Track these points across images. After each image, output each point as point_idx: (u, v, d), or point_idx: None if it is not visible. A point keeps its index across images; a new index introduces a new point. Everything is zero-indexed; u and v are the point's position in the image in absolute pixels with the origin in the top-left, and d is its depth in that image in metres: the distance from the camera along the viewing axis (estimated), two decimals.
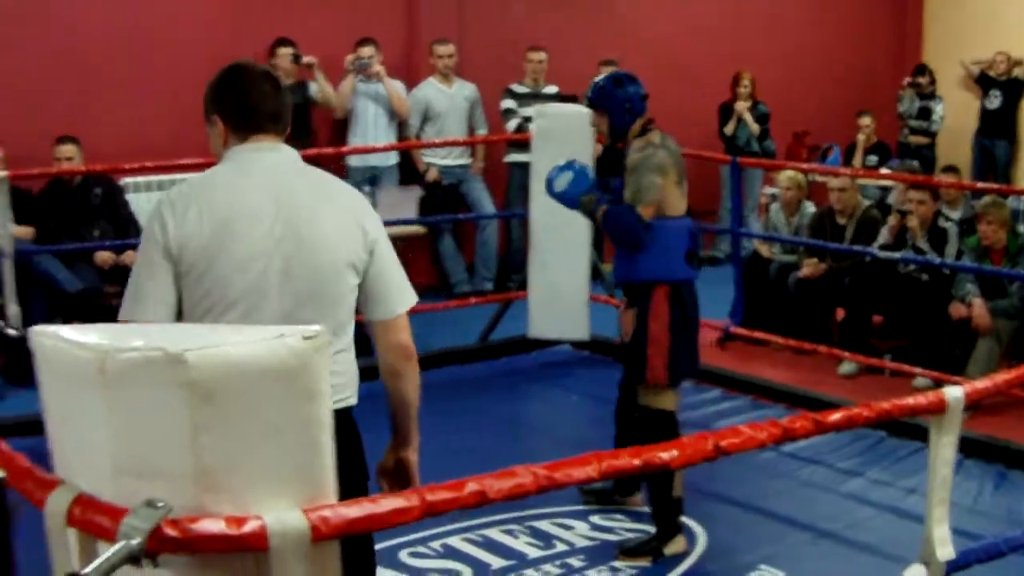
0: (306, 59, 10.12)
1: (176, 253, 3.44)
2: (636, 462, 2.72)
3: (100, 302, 8.42)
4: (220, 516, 2.24)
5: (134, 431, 2.29)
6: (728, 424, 7.35)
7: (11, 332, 7.69)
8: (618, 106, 5.90)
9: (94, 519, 2.31)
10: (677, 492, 5.78)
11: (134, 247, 8.81)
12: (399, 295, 3.72)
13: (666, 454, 2.78)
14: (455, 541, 5.87)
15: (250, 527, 2.24)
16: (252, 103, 3.66)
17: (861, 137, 12.50)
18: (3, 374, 8.17)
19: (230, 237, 3.44)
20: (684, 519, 5.95)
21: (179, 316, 3.48)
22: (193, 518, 2.23)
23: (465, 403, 8.11)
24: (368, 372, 3.65)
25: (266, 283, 3.45)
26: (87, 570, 2.02)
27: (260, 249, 3.46)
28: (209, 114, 3.74)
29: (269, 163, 3.61)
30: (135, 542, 2.15)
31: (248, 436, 2.28)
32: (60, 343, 2.38)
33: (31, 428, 5.77)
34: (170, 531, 2.20)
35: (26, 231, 8.45)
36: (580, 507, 6.23)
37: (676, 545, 5.81)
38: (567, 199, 5.99)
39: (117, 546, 2.14)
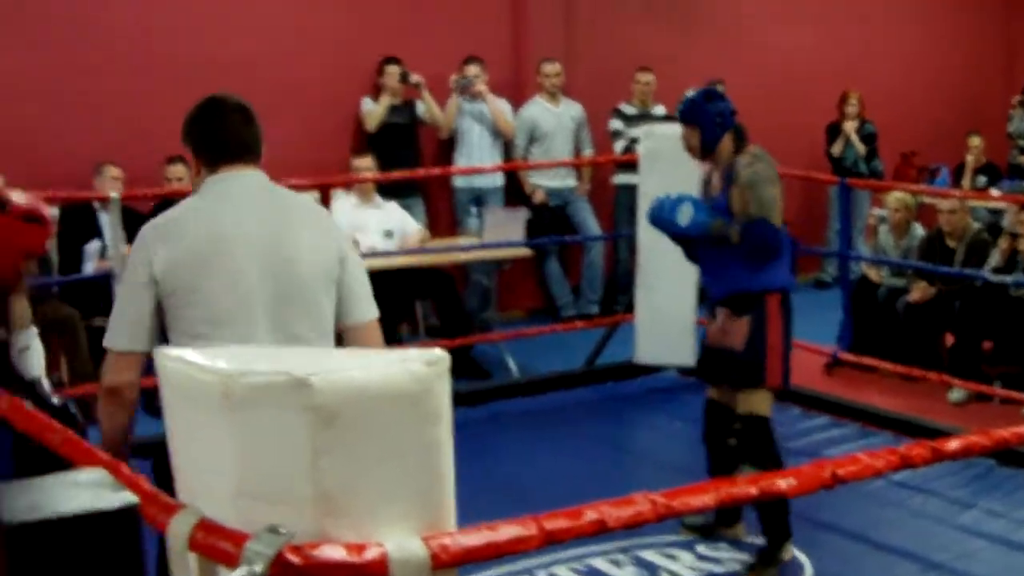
0: (413, 78, 10.16)
1: (160, 279, 3.67)
2: (753, 491, 2.68)
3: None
4: (341, 543, 2.24)
5: (256, 454, 2.30)
6: (837, 452, 7.33)
7: None
8: (709, 120, 5.96)
9: (216, 544, 2.32)
10: None
11: None
12: (368, 302, 4.00)
13: (783, 482, 2.74)
14: (561, 571, 5.80)
15: (371, 555, 2.23)
16: (221, 136, 3.94)
17: (970, 158, 12.34)
18: None
19: (215, 259, 3.68)
20: (792, 549, 5.91)
21: (163, 340, 3.72)
22: (314, 544, 2.22)
23: (570, 428, 8.09)
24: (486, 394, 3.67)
25: (254, 300, 3.67)
26: None
27: (245, 268, 3.68)
28: (185, 147, 4.04)
29: (242, 187, 3.87)
30: (258, 568, 2.16)
31: (370, 460, 2.28)
32: (185, 366, 2.40)
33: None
34: (292, 557, 2.19)
35: None
36: (686, 537, 6.17)
37: (788, 552, 5.85)
38: (697, 229, 5.93)
39: (240, 571, 2.14)
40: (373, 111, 10.26)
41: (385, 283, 9.11)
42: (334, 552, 2.22)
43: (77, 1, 9.40)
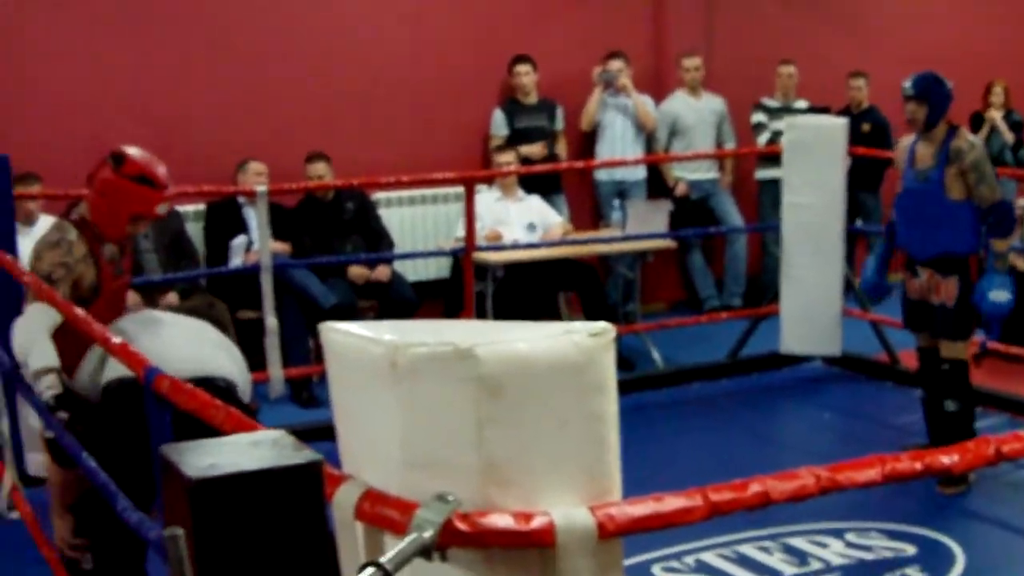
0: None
1: None
2: (918, 466, 2.66)
3: (353, 317, 8.52)
4: (508, 511, 2.26)
5: (423, 425, 2.32)
6: None
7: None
8: (940, 99, 6.64)
9: (384, 513, 2.35)
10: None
11: (387, 261, 9.05)
12: None
13: (947, 458, 2.71)
14: (709, 557, 5.81)
15: (538, 523, 2.25)
16: None
17: None
18: None
19: None
20: (942, 539, 5.86)
21: None
22: (482, 512, 2.25)
23: (715, 419, 8.09)
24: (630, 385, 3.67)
25: None
26: (384, 559, 2.05)
27: None
28: None
29: None
30: (427, 535, 2.18)
31: (535, 431, 2.29)
32: (352, 339, 2.43)
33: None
34: (460, 525, 2.22)
35: (283, 246, 8.61)
36: (834, 524, 6.10)
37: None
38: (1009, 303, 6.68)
39: (410, 538, 2.17)
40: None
41: (528, 276, 9.20)
42: (501, 520, 2.24)
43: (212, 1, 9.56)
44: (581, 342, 2.31)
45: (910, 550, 5.77)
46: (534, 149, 10.08)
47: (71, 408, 4.39)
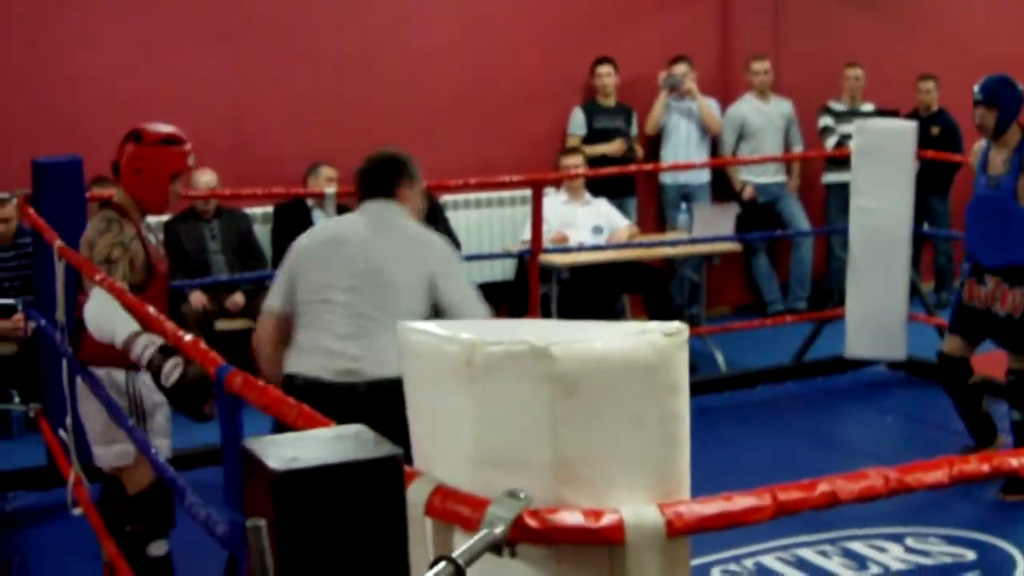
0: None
1: None
2: (986, 468, 2.67)
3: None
4: (578, 508, 2.28)
5: (497, 423, 2.35)
6: None
7: None
8: (1011, 104, 6.62)
9: (455, 509, 2.38)
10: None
11: None
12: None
13: (1016, 461, 2.72)
14: (768, 560, 5.82)
15: (608, 520, 2.27)
16: None
17: None
18: None
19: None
20: (1002, 545, 5.85)
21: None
22: (552, 509, 2.27)
23: (779, 422, 8.10)
24: (694, 387, 3.70)
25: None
26: (455, 554, 2.09)
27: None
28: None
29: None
30: (499, 530, 2.20)
31: (608, 429, 2.32)
32: (427, 337, 2.47)
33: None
34: (531, 521, 2.24)
35: None
36: (894, 529, 6.10)
37: None
38: None
39: (481, 533, 2.19)
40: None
41: (594, 278, 9.23)
42: (571, 517, 2.26)
43: (283, 5, 9.63)
44: (656, 341, 2.34)
45: (970, 555, 5.76)
46: (613, 146, 10.12)
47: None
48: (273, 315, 5.17)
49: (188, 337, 3.91)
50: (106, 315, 4.76)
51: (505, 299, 9.80)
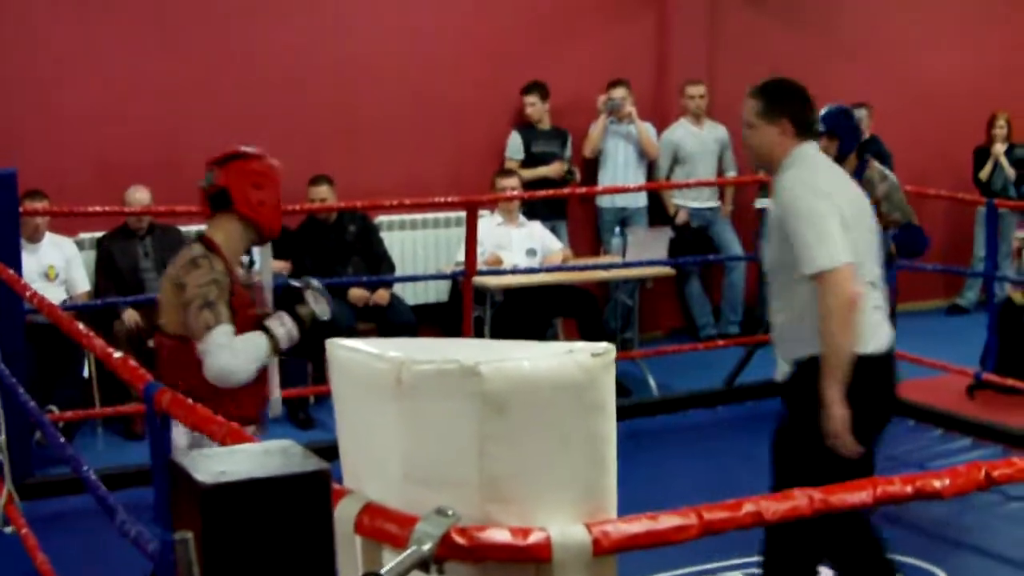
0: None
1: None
2: (909, 489, 2.70)
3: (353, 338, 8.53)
4: (506, 526, 2.30)
5: (425, 440, 2.37)
6: None
7: None
8: (849, 133, 6.84)
9: (383, 526, 2.39)
10: None
11: (387, 285, 9.09)
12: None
13: (939, 482, 2.75)
14: None
15: (535, 538, 2.29)
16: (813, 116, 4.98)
17: None
18: None
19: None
20: (934, 569, 5.89)
21: None
22: (480, 527, 2.29)
23: (711, 446, 8.13)
24: (626, 411, 3.71)
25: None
26: (384, 571, 2.10)
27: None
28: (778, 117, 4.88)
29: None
30: (426, 548, 2.21)
31: (535, 448, 2.34)
32: (357, 355, 2.48)
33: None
34: (459, 539, 2.26)
35: (283, 265, 8.67)
36: None
37: None
38: None
39: (409, 550, 2.21)
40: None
41: (528, 301, 9.25)
42: (499, 535, 2.28)
43: (219, 21, 9.63)
44: (584, 362, 2.36)
45: None
46: (553, 168, 10.16)
47: None
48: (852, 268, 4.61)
49: (118, 355, 3.89)
50: (248, 359, 4.58)
51: (439, 321, 9.81)
